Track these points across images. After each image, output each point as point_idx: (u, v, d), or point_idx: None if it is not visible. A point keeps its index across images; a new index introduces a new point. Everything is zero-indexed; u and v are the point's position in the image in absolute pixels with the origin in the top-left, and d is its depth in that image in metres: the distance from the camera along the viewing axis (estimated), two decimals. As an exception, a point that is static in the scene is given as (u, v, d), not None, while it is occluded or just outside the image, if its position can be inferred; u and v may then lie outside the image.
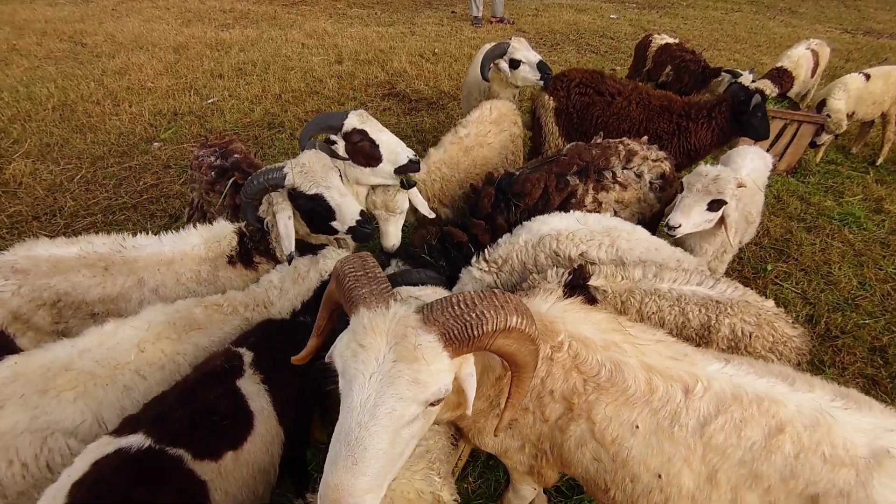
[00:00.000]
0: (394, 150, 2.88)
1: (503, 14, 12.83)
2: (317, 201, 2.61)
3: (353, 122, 2.87)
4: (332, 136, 2.99)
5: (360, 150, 2.89)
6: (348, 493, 1.17)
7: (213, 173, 3.46)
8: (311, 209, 2.67)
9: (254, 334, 2.31)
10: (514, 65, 4.55)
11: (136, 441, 1.72)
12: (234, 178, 3.25)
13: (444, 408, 1.60)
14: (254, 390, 2.07)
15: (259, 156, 5.77)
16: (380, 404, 1.25)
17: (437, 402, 1.36)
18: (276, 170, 2.63)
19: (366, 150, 2.87)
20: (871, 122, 6.46)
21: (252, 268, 2.79)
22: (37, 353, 2.05)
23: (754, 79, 5.76)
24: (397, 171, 2.95)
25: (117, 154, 6.12)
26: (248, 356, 2.14)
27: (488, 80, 4.62)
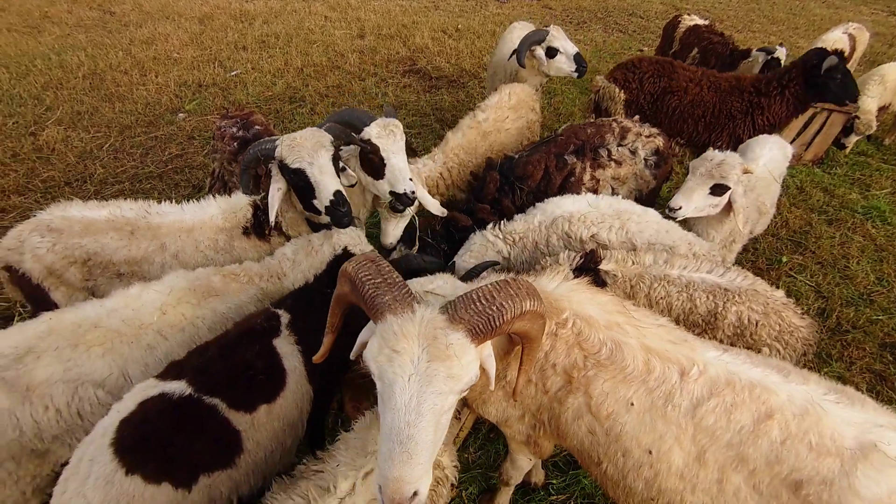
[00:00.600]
0: (396, 177, 2.90)
1: (530, -11, 12.51)
2: (299, 176, 2.64)
3: (372, 133, 2.89)
4: None
5: (369, 159, 2.96)
6: (407, 482, 1.36)
7: (235, 144, 3.56)
8: (295, 184, 2.71)
9: (292, 296, 2.44)
10: (552, 53, 4.46)
11: (179, 388, 1.89)
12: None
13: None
14: (288, 350, 2.20)
15: (280, 129, 5.84)
16: (422, 402, 1.40)
17: (468, 388, 1.51)
18: (269, 141, 2.71)
19: (374, 162, 2.93)
20: (907, 113, 6.21)
21: (265, 240, 2.89)
22: (69, 310, 2.21)
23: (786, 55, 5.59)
24: (392, 194, 2.98)
25: (144, 123, 6.28)
26: (285, 318, 2.27)
27: (524, 66, 4.51)
